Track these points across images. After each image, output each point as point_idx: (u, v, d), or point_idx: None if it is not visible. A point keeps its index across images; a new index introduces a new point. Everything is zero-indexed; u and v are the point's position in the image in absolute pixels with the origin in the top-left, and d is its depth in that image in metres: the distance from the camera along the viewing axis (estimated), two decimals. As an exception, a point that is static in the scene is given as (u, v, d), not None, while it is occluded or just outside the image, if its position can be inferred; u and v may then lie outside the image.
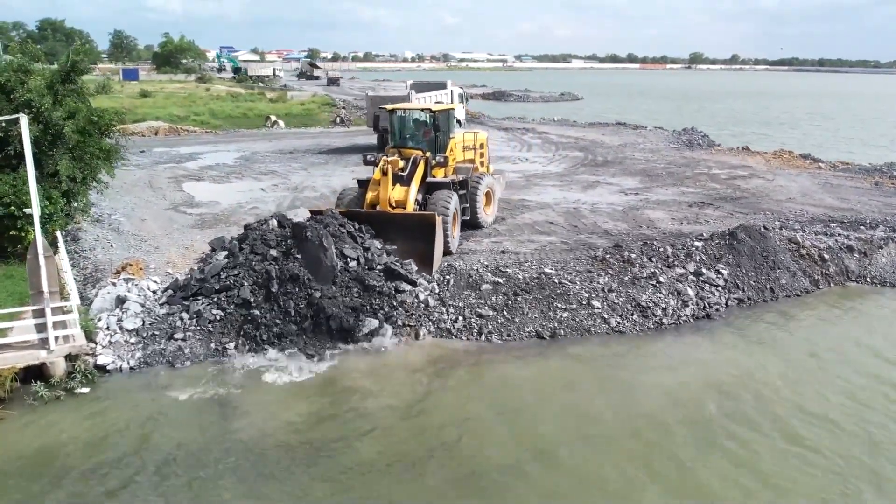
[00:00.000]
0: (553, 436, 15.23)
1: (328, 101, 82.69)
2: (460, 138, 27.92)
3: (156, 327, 19.06)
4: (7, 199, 21.56)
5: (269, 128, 65.69)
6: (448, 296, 20.85)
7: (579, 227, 28.12)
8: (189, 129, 61.35)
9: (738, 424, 15.77)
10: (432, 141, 25.75)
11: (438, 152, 25.59)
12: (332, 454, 14.42)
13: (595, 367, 18.59)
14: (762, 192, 35.74)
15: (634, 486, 13.67)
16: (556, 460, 14.39)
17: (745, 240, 24.52)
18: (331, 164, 44.06)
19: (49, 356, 16.95)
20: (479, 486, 13.53)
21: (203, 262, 22.44)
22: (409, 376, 17.85)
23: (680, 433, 15.40)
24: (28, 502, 12.91)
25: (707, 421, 15.97)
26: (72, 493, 13.17)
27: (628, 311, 21.11)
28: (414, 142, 26.15)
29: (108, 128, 25.44)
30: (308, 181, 37.76)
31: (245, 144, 52.95)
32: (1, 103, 23.50)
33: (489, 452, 14.58)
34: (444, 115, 26.41)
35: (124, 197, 32.86)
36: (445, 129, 26.17)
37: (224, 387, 17.01)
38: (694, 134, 60.08)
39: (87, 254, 24.41)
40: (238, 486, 13.35)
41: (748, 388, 17.44)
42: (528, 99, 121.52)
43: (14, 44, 38.94)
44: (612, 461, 14.39)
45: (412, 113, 26.93)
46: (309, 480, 13.60)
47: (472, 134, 29.36)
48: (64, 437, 15.05)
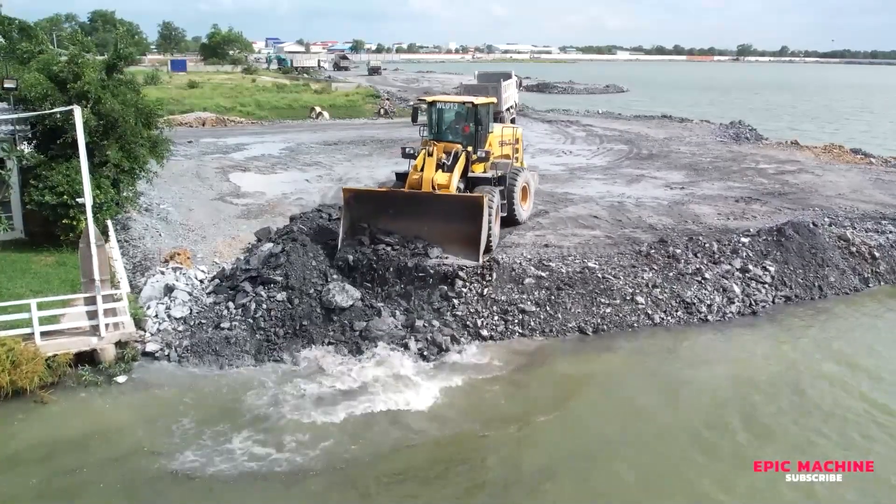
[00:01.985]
0: (607, 435, 15.25)
1: (372, 93, 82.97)
2: (498, 133, 27.16)
3: (203, 316, 19.39)
4: (60, 188, 22.08)
5: (314, 119, 66.10)
6: (490, 291, 20.81)
7: (623, 221, 27.89)
8: (235, 120, 62.01)
9: (787, 422, 15.64)
10: (471, 135, 24.73)
11: (479, 147, 24.83)
12: (378, 461, 14.60)
13: (641, 363, 18.52)
14: (811, 187, 35.08)
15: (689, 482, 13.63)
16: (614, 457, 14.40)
17: (793, 236, 24.13)
18: (375, 155, 44.23)
19: (100, 342, 17.39)
20: (524, 489, 13.59)
21: (249, 253, 22.74)
22: (455, 376, 17.90)
23: (732, 431, 15.32)
24: (75, 483, 13.27)
25: (757, 419, 15.87)
26: (122, 474, 13.52)
27: (672, 307, 20.94)
28: (453, 135, 25.00)
29: (152, 118, 25.90)
30: (352, 172, 37.97)
31: (290, 135, 53.37)
32: (55, 94, 24.02)
33: (531, 454, 14.64)
34: (486, 108, 25.61)
35: (172, 187, 33.36)
36: (486, 123, 25.50)
37: (268, 377, 17.25)
38: (741, 128, 59.19)
39: (137, 242, 24.90)
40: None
41: (796, 386, 17.30)
42: (573, 91, 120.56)
43: (65, 34, 39.83)
44: (668, 460, 14.40)
45: (452, 106, 25.65)
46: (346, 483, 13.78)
47: (510, 129, 28.90)
48: (110, 421, 15.47)
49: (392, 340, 18.75)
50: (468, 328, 19.63)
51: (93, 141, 22.93)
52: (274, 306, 19.18)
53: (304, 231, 21.52)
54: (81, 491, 13.21)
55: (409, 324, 19.31)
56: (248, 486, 13.40)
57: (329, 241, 21.48)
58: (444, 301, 20.09)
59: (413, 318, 19.40)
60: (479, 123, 24.86)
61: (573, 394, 17.10)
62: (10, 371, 15.67)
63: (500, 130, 27.72)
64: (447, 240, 21.13)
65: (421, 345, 18.68)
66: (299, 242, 20.83)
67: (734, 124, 61.17)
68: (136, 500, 13.01)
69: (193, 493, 13.23)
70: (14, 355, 15.83)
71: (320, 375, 17.43)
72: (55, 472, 13.68)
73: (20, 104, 24.87)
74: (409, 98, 79.95)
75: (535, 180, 29.60)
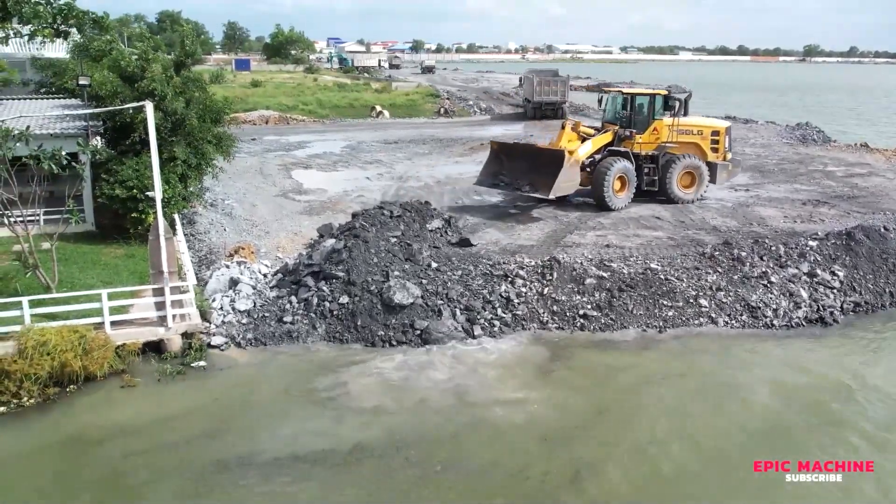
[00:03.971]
0: (651, 435, 15.08)
1: (432, 93, 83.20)
2: (671, 122, 30.17)
3: (266, 309, 19.68)
4: (130, 182, 22.65)
5: (375, 118, 66.64)
6: (550, 290, 20.70)
7: (686, 222, 27.50)
8: (297, 118, 62.90)
9: (845, 432, 15.24)
10: (628, 118, 30.67)
11: (631, 129, 30.07)
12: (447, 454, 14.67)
13: (699, 365, 18.26)
14: (882, 190, 34.09)
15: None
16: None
17: (863, 241, 23.45)
18: (434, 154, 44.43)
19: (167, 333, 17.79)
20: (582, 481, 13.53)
21: (311, 248, 23.02)
22: (508, 370, 17.89)
23: (788, 439, 15.00)
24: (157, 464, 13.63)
25: (814, 428, 15.53)
26: (185, 459, 13.84)
27: (737, 310, 20.55)
28: (618, 120, 31.02)
29: (219, 115, 26.41)
30: (412, 171, 38.20)
31: (351, 134, 53.94)
32: (125, 91, 24.65)
33: (581, 450, 14.57)
34: (645, 98, 31.21)
35: (236, 183, 33.99)
36: (643, 110, 30.66)
37: (327, 372, 17.45)
38: (808, 129, 57.69)
39: (203, 236, 25.44)
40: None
41: (859, 397, 16.79)
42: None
43: (134, 33, 40.85)
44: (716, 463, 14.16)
45: (615, 94, 32.20)
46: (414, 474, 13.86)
47: (707, 123, 32.07)
48: (178, 406, 15.88)
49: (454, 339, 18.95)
50: (524, 326, 19.72)
51: (161, 137, 23.47)
52: (335, 308, 19.37)
53: (366, 228, 21.68)
54: (146, 476, 13.53)
55: (469, 323, 19.39)
56: (307, 469, 13.66)
57: (391, 238, 21.65)
58: (504, 300, 20.11)
59: (474, 316, 19.46)
60: (632, 109, 30.81)
61: (624, 391, 17.05)
62: (83, 357, 16.18)
63: (675, 121, 30.23)
64: (536, 184, 27.65)
65: (482, 339, 19.01)
66: (361, 239, 20.99)
67: (801, 126, 59.68)
68: (201, 484, 13.27)
69: (257, 476, 13.46)
70: (86, 342, 16.35)
71: (383, 360, 17.89)
72: (125, 454, 14.10)
73: (92, 100, 25.57)
74: (468, 98, 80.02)
75: (729, 171, 31.82)
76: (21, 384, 15.70)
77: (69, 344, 16.10)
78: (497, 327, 19.45)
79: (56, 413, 15.51)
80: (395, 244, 21.48)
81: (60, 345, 16.01)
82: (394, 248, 21.27)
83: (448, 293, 19.93)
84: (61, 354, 15.93)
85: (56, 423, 15.21)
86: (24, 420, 15.20)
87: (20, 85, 36.76)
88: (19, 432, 14.82)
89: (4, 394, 15.62)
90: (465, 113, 70.55)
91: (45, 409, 15.62)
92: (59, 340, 16.06)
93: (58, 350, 15.94)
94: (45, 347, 15.91)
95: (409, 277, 20.14)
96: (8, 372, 15.71)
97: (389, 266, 20.38)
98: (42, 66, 37.14)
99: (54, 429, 15.00)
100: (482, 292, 20.30)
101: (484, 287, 20.50)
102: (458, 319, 19.37)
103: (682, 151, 30.20)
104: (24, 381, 15.71)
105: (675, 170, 29.95)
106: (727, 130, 31.27)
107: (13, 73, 34.17)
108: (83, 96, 26.12)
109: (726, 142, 31.05)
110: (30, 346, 15.87)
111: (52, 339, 16.05)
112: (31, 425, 15.07)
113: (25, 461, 14.04)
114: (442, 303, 19.64)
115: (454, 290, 20.05)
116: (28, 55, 38.92)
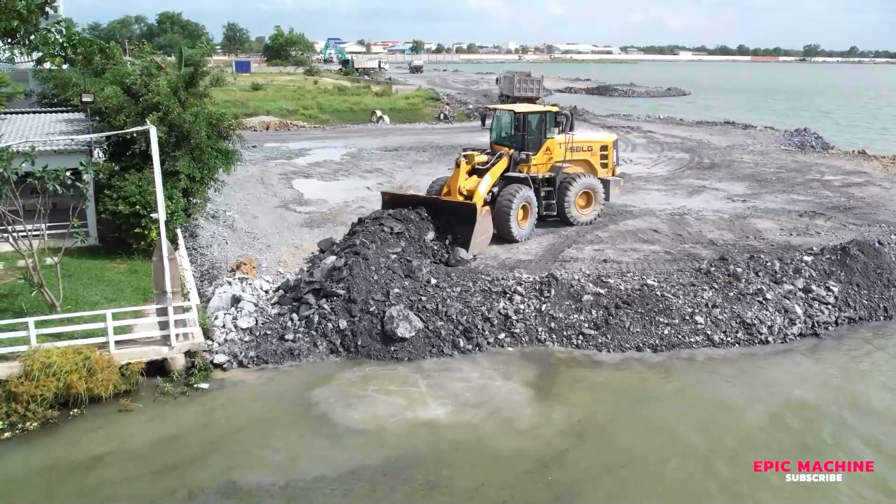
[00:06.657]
0: (635, 451, 15.35)
1: (432, 96, 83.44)
2: (563, 139, 28.82)
3: (268, 327, 19.94)
4: (133, 198, 22.87)
5: (375, 123, 66.88)
6: (548, 307, 20.98)
7: (683, 235, 27.72)
8: (298, 124, 63.12)
9: (838, 451, 15.49)
10: (520, 140, 27.90)
11: (525, 150, 27.55)
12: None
13: (690, 382, 18.56)
14: (878, 201, 34.31)
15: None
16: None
17: (857, 255, 23.74)
18: (434, 161, 44.60)
19: (170, 352, 18.05)
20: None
21: (312, 264, 23.27)
22: (506, 390, 18.16)
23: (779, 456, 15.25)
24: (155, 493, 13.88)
25: (809, 446, 15.74)
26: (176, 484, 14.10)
27: (732, 328, 20.80)
28: (509, 140, 28.40)
29: (226, 131, 26.62)
30: (412, 179, 38.38)
31: (351, 140, 54.13)
32: (129, 106, 24.91)
33: (561, 470, 14.86)
34: (536, 116, 28.50)
35: (237, 193, 34.21)
36: (535, 130, 28.19)
37: (326, 392, 17.71)
38: (807, 135, 57.83)
39: (204, 250, 25.66)
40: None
41: (850, 414, 17.08)
42: (633, 94, 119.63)
43: (132, 46, 41.13)
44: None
45: (504, 113, 29.57)
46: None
47: (595, 137, 31.29)
48: (185, 429, 16.07)
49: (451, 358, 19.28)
50: (522, 343, 20.04)
51: (164, 152, 23.70)
52: (337, 327, 19.65)
53: (366, 245, 21.93)
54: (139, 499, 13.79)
55: (471, 346, 19.78)
56: (296, 494, 13.87)
57: (391, 254, 21.91)
58: (502, 317, 20.41)
59: (475, 339, 19.84)
60: (524, 130, 28.00)
61: (618, 408, 17.34)
62: (87, 379, 16.38)
63: (568, 138, 28.98)
64: (455, 238, 24.41)
65: (478, 358, 19.34)
66: (362, 256, 21.25)
67: (799, 132, 59.87)
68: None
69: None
70: (90, 363, 16.56)
71: (383, 381, 18.15)
72: (115, 480, 14.31)
73: (95, 115, 25.82)
74: (468, 102, 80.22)
75: (621, 187, 31.48)
76: (27, 406, 15.86)
77: (73, 365, 16.31)
78: (494, 346, 19.76)
79: (53, 437, 15.57)
80: (395, 261, 21.74)
81: (65, 366, 16.21)
82: (393, 264, 21.54)
83: (447, 311, 20.19)
84: (66, 376, 16.13)
85: (49, 448, 15.25)
86: (22, 445, 15.26)
87: (23, 96, 37.00)
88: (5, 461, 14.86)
89: (12, 416, 15.78)
90: (466, 118, 70.65)
91: (47, 432, 15.70)
92: (64, 362, 16.27)
93: (63, 371, 16.14)
94: (50, 369, 16.09)
95: (408, 294, 20.41)
96: (15, 394, 15.91)
97: (389, 283, 20.64)
98: (45, 78, 37.44)
99: (44, 454, 15.05)
100: (481, 309, 20.58)
101: (483, 304, 20.78)
102: (457, 345, 19.71)
103: (574, 170, 28.58)
104: (30, 402, 15.88)
105: (572, 191, 28.06)
106: (615, 144, 30.95)
107: (17, 88, 34.41)
108: (86, 111, 26.38)
109: (614, 156, 30.67)
110: (36, 367, 16.06)
111: (56, 360, 16.24)
112: (18, 453, 15.07)
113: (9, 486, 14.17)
114: (442, 324, 19.91)
115: (453, 308, 20.31)
116: (30, 66, 39.17)
